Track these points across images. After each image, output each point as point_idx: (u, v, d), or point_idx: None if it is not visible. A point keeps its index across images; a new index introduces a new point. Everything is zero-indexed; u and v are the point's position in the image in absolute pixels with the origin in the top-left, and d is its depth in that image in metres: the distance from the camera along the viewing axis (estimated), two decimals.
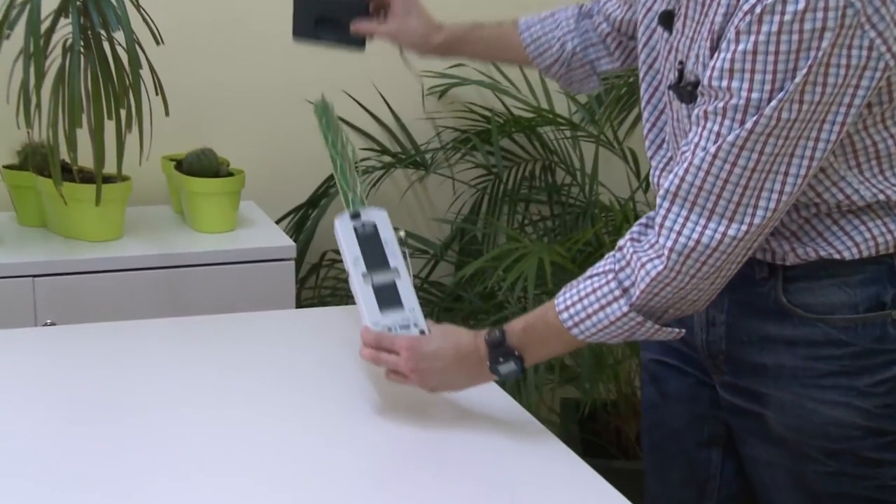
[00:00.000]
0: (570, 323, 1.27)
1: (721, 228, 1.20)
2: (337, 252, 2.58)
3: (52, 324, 1.96)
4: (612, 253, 1.28)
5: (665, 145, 1.35)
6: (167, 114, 2.07)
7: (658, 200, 1.22)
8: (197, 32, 2.41)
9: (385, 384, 1.42)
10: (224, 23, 2.43)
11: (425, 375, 1.33)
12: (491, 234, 2.60)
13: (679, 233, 1.21)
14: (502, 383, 1.42)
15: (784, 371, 1.30)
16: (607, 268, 1.26)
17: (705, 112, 1.18)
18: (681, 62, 1.25)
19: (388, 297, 1.38)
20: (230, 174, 2.24)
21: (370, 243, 1.42)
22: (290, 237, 2.42)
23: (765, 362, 1.31)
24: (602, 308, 1.25)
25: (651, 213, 1.26)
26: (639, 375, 2.43)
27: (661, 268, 1.21)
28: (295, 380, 1.49)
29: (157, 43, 2.01)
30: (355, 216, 1.44)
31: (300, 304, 2.50)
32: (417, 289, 2.59)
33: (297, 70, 2.50)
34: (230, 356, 1.57)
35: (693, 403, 1.44)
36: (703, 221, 1.20)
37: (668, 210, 1.21)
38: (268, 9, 2.45)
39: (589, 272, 1.28)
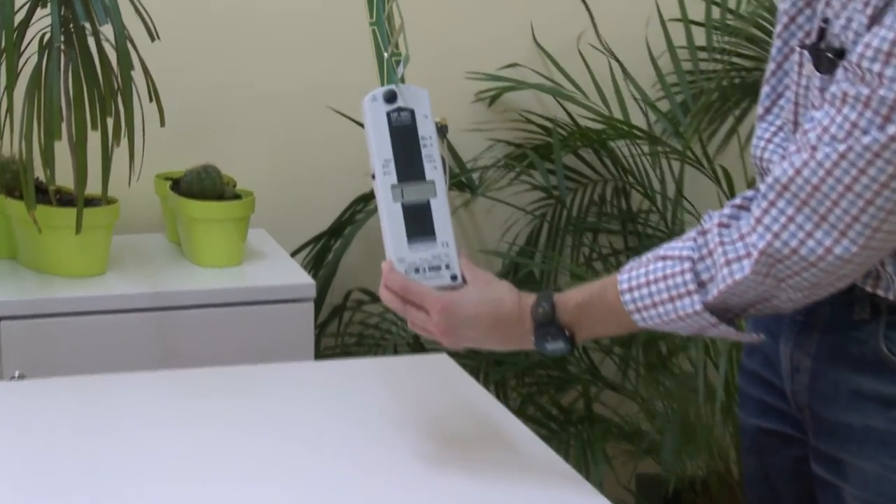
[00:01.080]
0: (632, 307, 1.29)
1: (827, 242, 1.19)
2: (366, 292, 2.59)
3: (22, 377, 1.97)
4: (693, 233, 1.29)
5: (777, 110, 1.35)
6: (163, 124, 2.09)
7: (762, 188, 1.22)
8: (200, 26, 2.44)
9: (423, 450, 1.41)
10: (232, 15, 2.45)
11: (458, 340, 1.37)
12: (551, 270, 2.60)
13: (776, 235, 1.21)
14: (565, 453, 1.42)
15: (872, 435, 1.28)
16: (685, 253, 1.28)
17: (844, 94, 1.17)
18: (825, 19, 1.23)
19: (418, 223, 1.37)
20: (237, 196, 2.25)
21: (404, 140, 1.38)
22: (309, 273, 2.42)
23: (850, 422, 1.30)
24: (672, 299, 1.28)
25: (749, 193, 1.27)
26: (734, 447, 2.40)
27: (747, 271, 1.23)
28: (314, 446, 1.49)
29: (153, 39, 2.04)
30: (390, 98, 1.39)
31: (320, 354, 2.50)
32: None
33: (319, 71, 2.52)
34: (235, 417, 1.57)
35: (800, 481, 1.43)
36: (808, 227, 1.19)
37: (772, 204, 1.22)
38: (286, 4, 2.48)
39: (663, 250, 1.29)
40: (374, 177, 1.38)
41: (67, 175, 2.08)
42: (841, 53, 1.20)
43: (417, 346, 2.47)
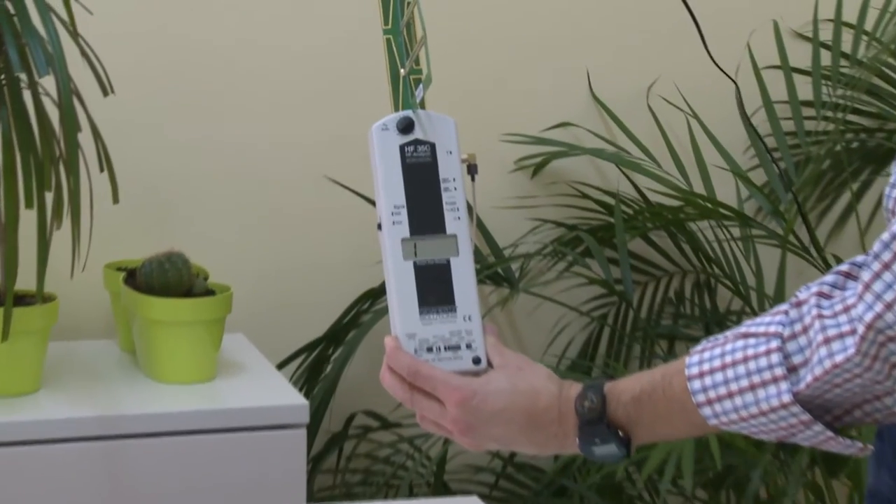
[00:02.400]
0: (702, 397, 1.28)
1: None
2: (374, 416, 2.59)
3: None
4: (785, 306, 1.27)
5: None
6: (116, 200, 2.10)
7: (875, 246, 1.22)
8: (165, 77, 2.46)
9: None
10: (206, 64, 2.48)
11: (480, 440, 1.38)
12: None
13: (889, 305, 1.20)
14: None
15: None
16: (772, 329, 1.27)
17: None
18: None
19: (434, 289, 1.37)
20: (209, 292, 2.26)
21: (422, 182, 1.38)
22: (300, 391, 2.42)
23: None
24: (753, 387, 1.27)
25: (860, 259, 1.26)
26: None
27: (851, 352, 1.22)
28: None
29: (105, 93, 2.06)
30: (406, 128, 1.39)
31: (313, 495, 2.49)
32: (501, 471, 2.58)
33: (312, 134, 2.54)
34: None
35: None
36: None
37: (886, 266, 1.22)
38: (272, 42, 2.51)
39: (745, 326, 1.28)
40: (380, 227, 1.38)
41: None
42: None
43: (440, 485, 2.46)
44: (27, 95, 2.01)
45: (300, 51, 2.53)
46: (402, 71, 1.42)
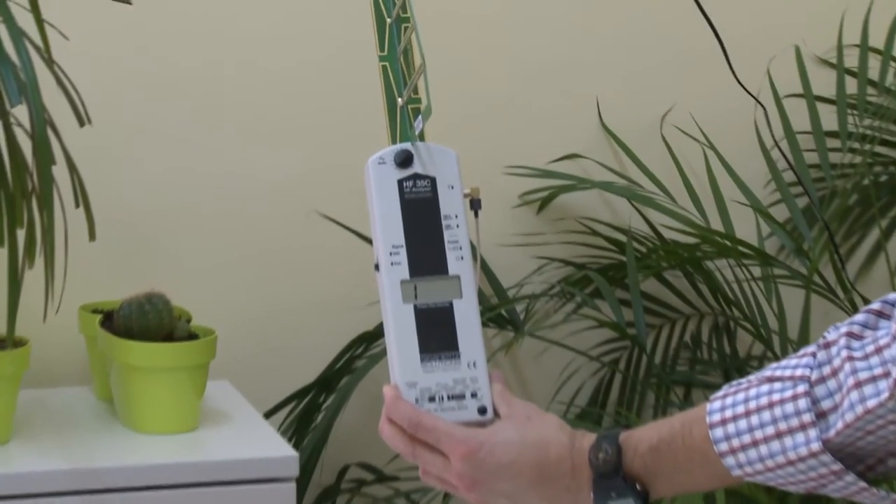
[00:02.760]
0: (724, 446, 1.29)
1: None
2: (369, 468, 2.58)
3: None
4: (812, 348, 1.28)
5: None
6: (93, 237, 2.10)
7: None
8: (146, 107, 2.47)
9: None
10: (188, 92, 2.49)
11: (487, 495, 1.38)
12: None
13: None
14: None
15: None
16: (799, 372, 1.28)
17: None
18: None
19: (437, 334, 1.38)
20: (192, 336, 2.26)
21: (422, 219, 1.39)
22: (289, 442, 2.41)
23: None
24: (779, 435, 1.27)
25: (892, 296, 1.27)
26: None
27: (884, 396, 1.22)
28: None
29: (82, 124, 2.06)
30: (404, 162, 1.40)
31: None
32: None
33: (302, 166, 2.55)
34: None
35: None
36: None
37: None
38: (259, 65, 2.51)
39: (770, 370, 1.29)
40: (377, 268, 1.39)
41: None
42: None
43: None
44: None
45: (289, 76, 2.54)
46: (399, 100, 1.43)
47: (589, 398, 2.65)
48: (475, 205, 1.42)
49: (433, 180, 1.40)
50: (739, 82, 1.70)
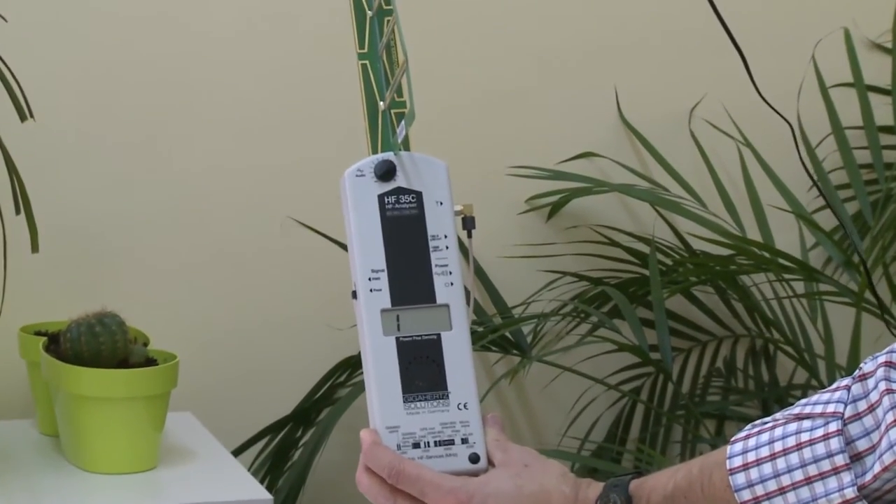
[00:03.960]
0: (747, 495, 1.30)
1: None
2: None
3: None
4: (846, 381, 1.29)
5: None
6: (35, 248, 2.12)
7: None
8: (96, 99, 2.48)
9: None
10: (142, 85, 2.50)
11: None
12: None
13: None
14: None
15: None
16: (831, 408, 1.29)
17: None
18: None
19: (421, 371, 1.38)
20: (150, 362, 2.25)
21: (406, 240, 1.39)
22: (262, 482, 2.44)
23: None
24: (809, 481, 1.28)
25: None
26: None
27: None
28: None
29: (23, 119, 2.08)
30: (386, 174, 1.40)
31: None
32: None
33: (275, 166, 2.56)
34: None
35: None
36: None
37: None
38: (222, 55, 2.53)
39: (800, 406, 1.30)
40: (354, 295, 1.39)
41: None
42: None
43: None
44: None
45: (257, 67, 2.56)
46: (381, 104, 1.43)
47: (606, 433, 2.65)
48: (468, 223, 1.43)
49: (419, 195, 1.40)
50: (762, 97, 1.72)
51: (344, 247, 2.46)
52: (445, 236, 1.40)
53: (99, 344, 2.23)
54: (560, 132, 2.67)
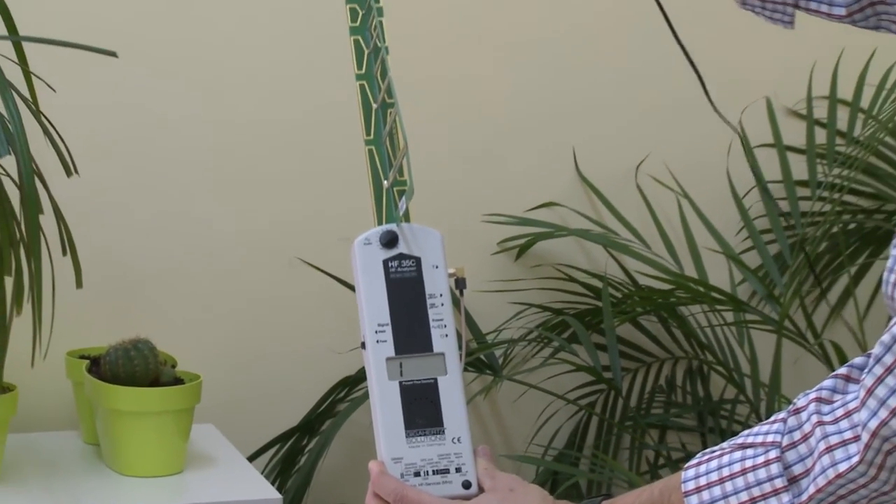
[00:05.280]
0: None
1: None
2: None
3: None
4: (782, 414, 1.28)
5: None
6: (79, 284, 2.09)
7: (875, 349, 1.22)
8: (131, 157, 2.46)
9: None
10: (173, 144, 2.48)
11: None
12: (603, 481, 2.58)
13: (895, 412, 1.20)
14: None
15: None
16: (770, 438, 1.28)
17: None
18: None
19: (421, 410, 1.38)
20: (177, 381, 2.24)
21: (407, 298, 1.40)
22: (273, 484, 2.40)
23: None
24: (753, 501, 1.28)
25: (859, 360, 1.26)
26: None
27: (855, 460, 1.22)
28: None
29: (69, 174, 2.06)
30: (390, 242, 1.41)
31: None
32: None
33: (285, 213, 2.53)
34: None
35: None
36: None
37: (889, 370, 1.22)
38: (241, 119, 2.50)
39: (743, 436, 1.30)
40: (363, 346, 1.39)
41: None
42: None
43: None
44: None
45: (271, 127, 2.53)
46: (385, 183, 1.44)
47: (566, 441, 2.64)
48: (460, 284, 1.43)
49: (418, 260, 1.41)
50: (721, 116, 1.72)
51: (344, 283, 2.47)
52: (441, 295, 1.40)
53: (134, 366, 2.22)
54: (526, 185, 2.66)
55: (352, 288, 2.46)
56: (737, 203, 2.64)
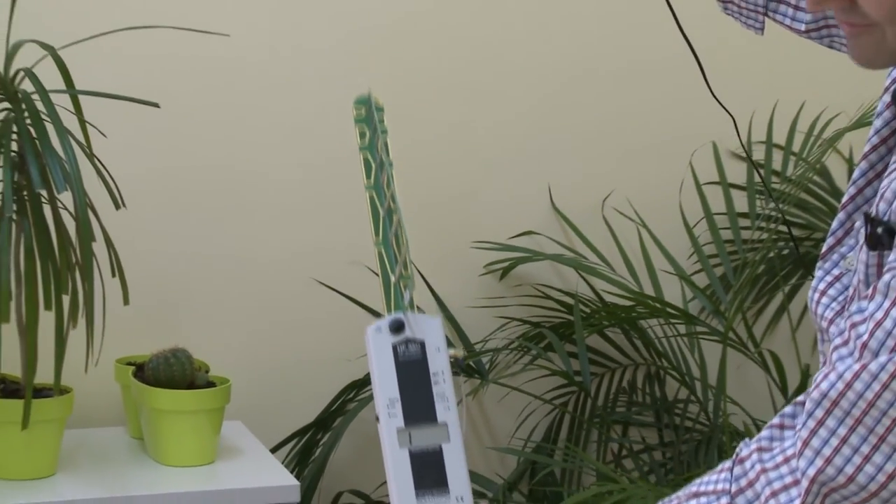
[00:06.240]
0: None
1: (890, 467, 1.15)
2: (359, 495, 2.56)
3: None
4: (728, 463, 1.25)
5: (835, 265, 1.31)
6: (126, 301, 2.09)
7: (807, 403, 1.19)
8: (170, 192, 2.46)
9: None
10: (206, 180, 2.48)
11: None
12: (574, 469, 2.57)
13: (828, 460, 1.17)
14: None
15: None
16: (720, 486, 1.25)
17: None
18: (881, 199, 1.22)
19: (429, 473, 1.36)
20: (210, 384, 2.24)
21: (413, 377, 1.37)
22: (292, 472, 2.40)
23: None
24: None
25: (788, 410, 1.24)
26: None
27: (797, 503, 1.19)
28: None
29: (117, 207, 2.06)
30: (397, 329, 1.38)
31: None
32: None
33: (305, 241, 2.53)
34: None
35: None
36: (865, 450, 1.16)
37: (820, 423, 1.20)
38: (266, 160, 2.51)
39: (696, 485, 1.27)
40: (377, 419, 1.37)
41: (14, 361, 2.07)
42: (892, 233, 1.19)
43: None
44: (47, 209, 2.01)
45: (292, 169, 2.52)
46: (392, 277, 1.42)
47: (543, 435, 2.63)
48: (458, 363, 1.40)
49: (422, 344, 1.37)
50: (720, 103, 1.69)
51: (353, 301, 2.47)
52: (442, 373, 1.37)
53: (173, 371, 2.22)
54: (508, 216, 2.65)
55: (360, 304, 2.48)
56: (688, 232, 2.63)
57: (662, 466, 2.59)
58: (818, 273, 1.32)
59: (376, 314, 2.52)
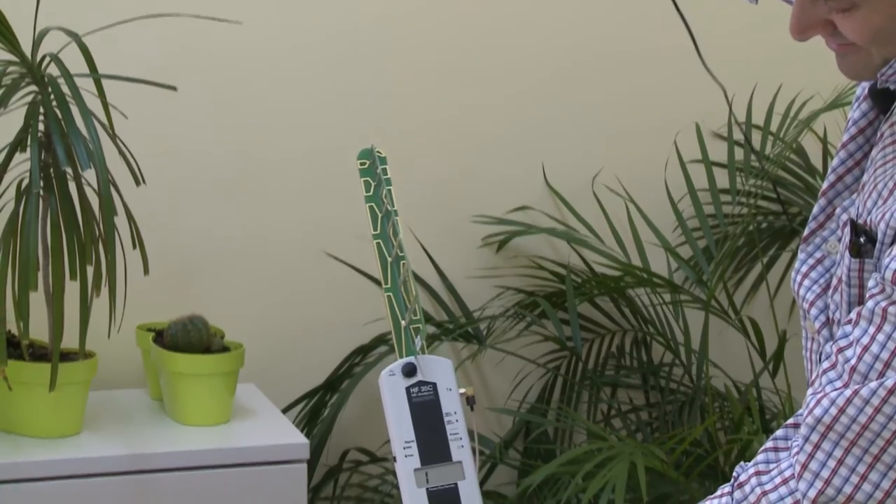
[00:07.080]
0: None
1: (886, 484, 1.14)
2: (365, 452, 2.56)
3: None
4: (727, 488, 1.23)
5: (818, 241, 1.29)
6: (146, 272, 2.09)
7: (802, 429, 1.17)
8: (188, 169, 2.45)
9: None
10: (222, 157, 2.47)
11: None
12: (566, 428, 2.57)
13: (828, 481, 1.16)
14: None
15: None
16: None
17: (884, 311, 1.12)
18: (863, 206, 1.19)
19: None
20: (225, 349, 2.23)
21: (427, 418, 1.34)
22: (302, 431, 2.40)
23: None
24: None
25: (780, 433, 1.23)
26: None
27: None
28: None
29: (138, 183, 2.05)
30: (410, 372, 1.35)
31: None
32: None
33: (314, 214, 2.52)
34: None
35: None
36: (861, 469, 1.15)
37: (816, 447, 1.18)
38: (277, 140, 2.49)
39: None
40: (394, 459, 1.34)
41: (42, 328, 2.07)
42: (873, 242, 1.17)
43: None
44: (72, 186, 2.01)
45: (303, 149, 2.51)
46: (402, 322, 1.39)
47: (537, 397, 2.62)
48: (470, 401, 1.37)
49: (434, 385, 1.35)
50: (712, 75, 1.65)
51: (360, 272, 2.46)
52: (455, 412, 1.34)
53: (190, 337, 2.21)
54: (505, 192, 2.63)
55: (367, 275, 2.47)
56: (672, 207, 2.61)
57: (648, 425, 2.58)
58: (801, 256, 1.30)
59: (381, 284, 2.51)
